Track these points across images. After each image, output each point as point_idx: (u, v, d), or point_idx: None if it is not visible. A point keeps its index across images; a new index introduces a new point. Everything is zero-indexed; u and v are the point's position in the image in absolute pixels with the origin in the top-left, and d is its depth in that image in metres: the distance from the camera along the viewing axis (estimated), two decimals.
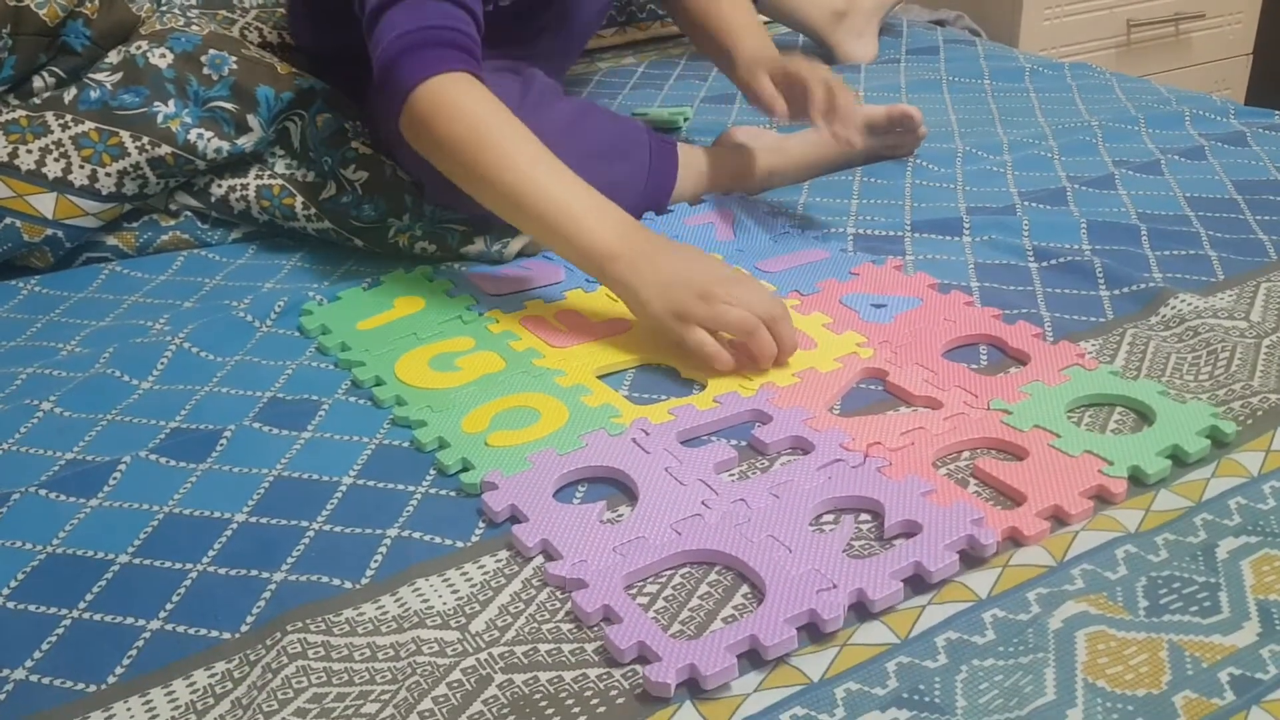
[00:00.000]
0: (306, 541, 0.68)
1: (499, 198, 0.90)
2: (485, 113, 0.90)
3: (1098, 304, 0.92)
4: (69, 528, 0.70)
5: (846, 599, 0.61)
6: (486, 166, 0.89)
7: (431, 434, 0.77)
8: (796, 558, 0.64)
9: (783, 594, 0.61)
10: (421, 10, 0.92)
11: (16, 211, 1.01)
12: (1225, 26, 2.25)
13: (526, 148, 0.90)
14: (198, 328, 0.91)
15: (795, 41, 1.67)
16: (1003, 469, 0.72)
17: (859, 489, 0.70)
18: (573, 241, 0.87)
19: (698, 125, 1.35)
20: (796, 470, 0.72)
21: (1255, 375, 0.81)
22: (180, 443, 0.77)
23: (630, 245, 0.86)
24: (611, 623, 0.61)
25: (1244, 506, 0.68)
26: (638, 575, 0.64)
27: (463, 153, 0.90)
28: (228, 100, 1.06)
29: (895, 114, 1.19)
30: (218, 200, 1.08)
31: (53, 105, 1.04)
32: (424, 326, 0.92)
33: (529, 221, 0.90)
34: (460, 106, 0.90)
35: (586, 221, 0.87)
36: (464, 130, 0.90)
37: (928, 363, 0.84)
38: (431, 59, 0.91)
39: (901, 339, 0.87)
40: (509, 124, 0.90)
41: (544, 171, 0.89)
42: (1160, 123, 1.30)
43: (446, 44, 0.92)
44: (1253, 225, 1.05)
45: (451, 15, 0.93)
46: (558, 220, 0.87)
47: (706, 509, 0.69)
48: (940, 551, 0.64)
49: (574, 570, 0.64)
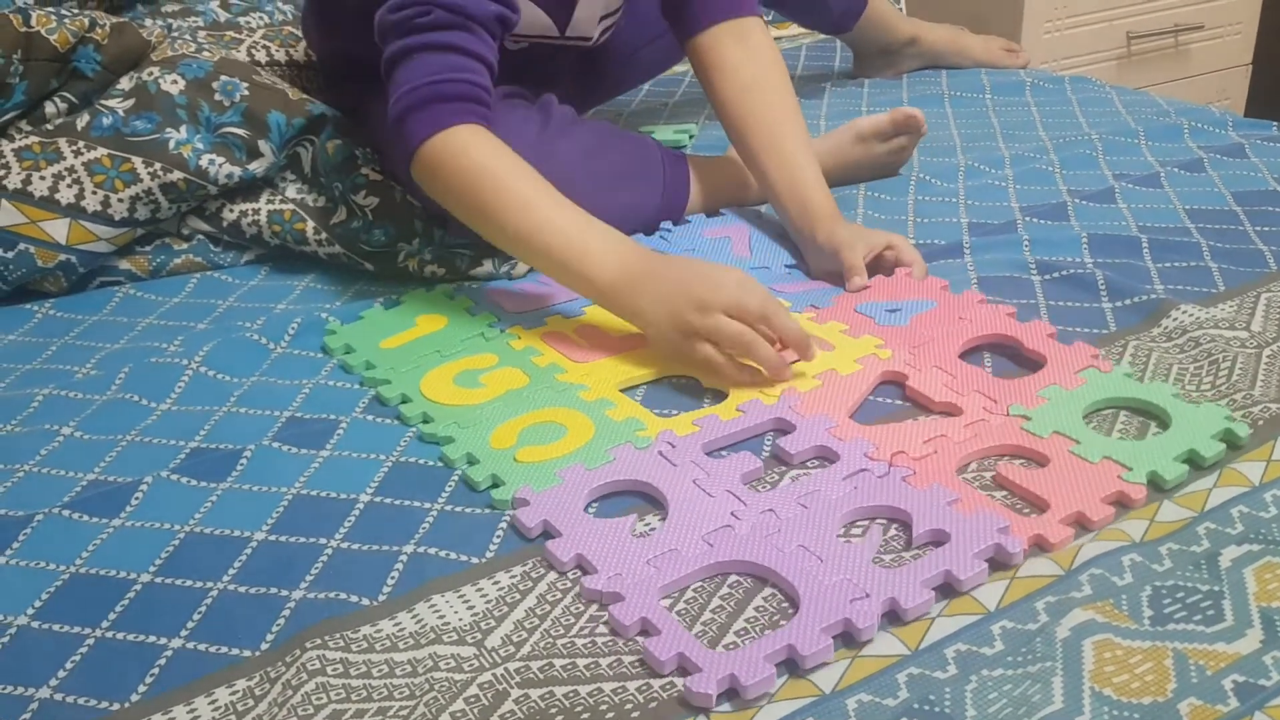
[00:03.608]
0: (325, 559, 0.69)
1: (506, 238, 0.93)
2: (488, 160, 0.93)
3: (1100, 316, 0.93)
4: (92, 548, 0.71)
5: (879, 608, 0.62)
6: (492, 210, 0.92)
7: (460, 450, 0.79)
8: (828, 567, 0.65)
9: (817, 604, 0.62)
10: (431, 63, 0.94)
11: (30, 237, 1.02)
12: (1224, 37, 2.26)
13: (527, 188, 0.92)
14: (213, 349, 0.92)
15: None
16: (1025, 475, 0.73)
17: (886, 499, 0.71)
18: (577, 275, 0.90)
19: (703, 142, 1.36)
20: (823, 480, 0.73)
21: (1256, 385, 0.82)
22: (200, 463, 0.79)
23: (631, 271, 0.88)
24: (650, 635, 0.62)
25: (1246, 515, 0.69)
26: (673, 587, 0.66)
27: (467, 199, 0.93)
28: (239, 126, 1.08)
29: (900, 118, 1.20)
30: (230, 225, 1.09)
31: (65, 132, 1.06)
32: (447, 344, 0.93)
33: (536, 258, 0.93)
34: (464, 157, 0.93)
35: (588, 254, 0.89)
36: (468, 179, 0.92)
37: (946, 364, 0.86)
38: (438, 114, 0.93)
39: (919, 339, 0.89)
40: (511, 168, 0.93)
41: (544, 210, 0.91)
42: (1160, 135, 1.31)
43: (454, 97, 0.94)
44: (1252, 236, 1.06)
45: (462, 67, 0.95)
46: (561, 256, 0.90)
47: (736, 520, 0.70)
48: (970, 560, 0.65)
49: (610, 584, 0.65)
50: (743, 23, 1.10)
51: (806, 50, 1.73)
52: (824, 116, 1.44)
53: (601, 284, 0.89)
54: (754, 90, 1.08)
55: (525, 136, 1.01)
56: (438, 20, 0.94)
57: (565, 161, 1.01)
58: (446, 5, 0.94)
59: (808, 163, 1.05)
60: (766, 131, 1.06)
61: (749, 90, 1.08)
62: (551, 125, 1.07)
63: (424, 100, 0.93)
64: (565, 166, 0.99)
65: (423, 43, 0.94)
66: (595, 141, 1.09)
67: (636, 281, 0.88)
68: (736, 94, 1.08)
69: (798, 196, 1.04)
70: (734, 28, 1.10)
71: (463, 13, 0.94)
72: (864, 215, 1.14)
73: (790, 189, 1.04)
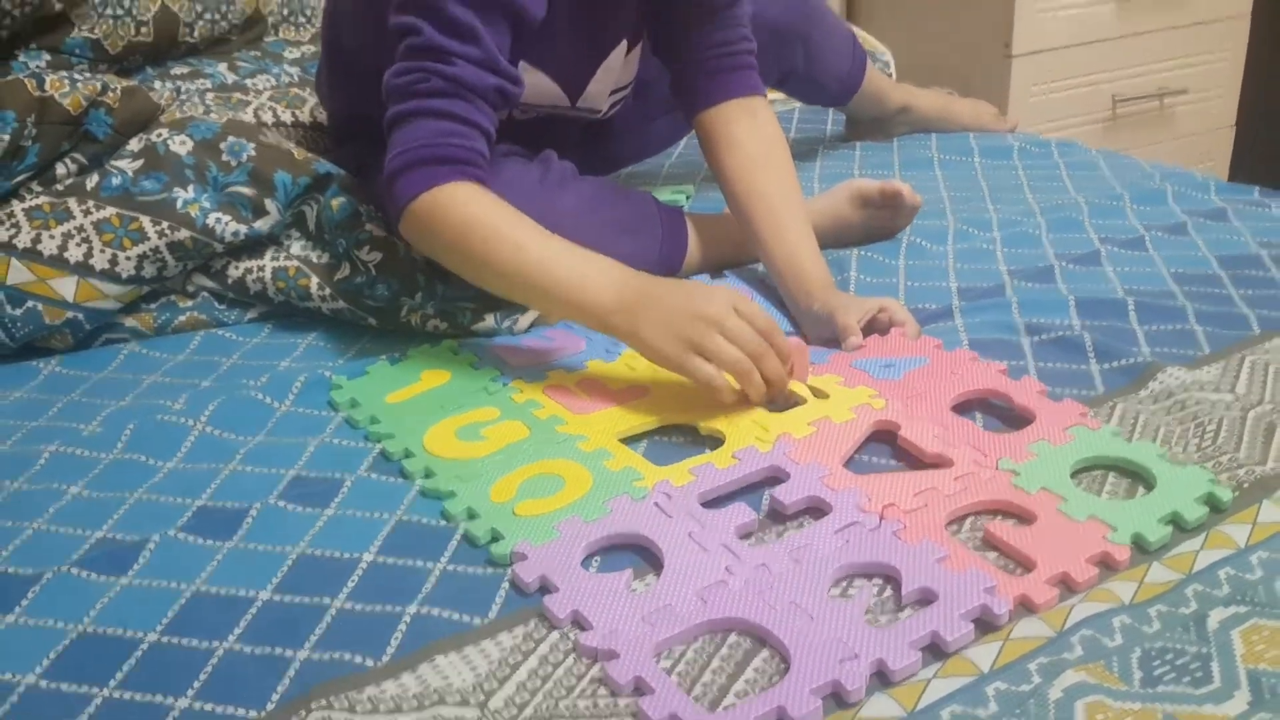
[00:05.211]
0: (329, 619, 0.70)
1: (500, 279, 0.95)
2: (478, 210, 0.95)
3: (1089, 377, 0.95)
4: (100, 606, 0.72)
5: (868, 669, 0.63)
6: (484, 255, 0.94)
7: (461, 505, 0.80)
8: (819, 626, 0.66)
9: (807, 664, 0.63)
10: (427, 128, 0.97)
11: (39, 295, 1.04)
12: (1208, 100, 2.31)
13: (518, 231, 0.94)
14: (218, 407, 0.94)
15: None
16: (1013, 533, 0.75)
17: (876, 555, 0.73)
18: (574, 304, 0.92)
19: (699, 203, 1.39)
20: (815, 534, 0.75)
21: (1241, 447, 0.84)
22: (206, 521, 0.80)
23: (627, 295, 0.90)
24: (643, 693, 0.63)
25: (1233, 577, 0.70)
26: (667, 644, 0.67)
27: (460, 249, 0.96)
28: (246, 185, 1.10)
29: (888, 191, 1.23)
30: (234, 281, 1.11)
31: (75, 192, 1.08)
32: (451, 399, 0.95)
33: (532, 295, 0.95)
34: (454, 210, 0.95)
35: (584, 283, 0.91)
36: (459, 230, 0.95)
37: (938, 417, 0.87)
38: (429, 174, 0.96)
39: (912, 392, 0.91)
40: (503, 215, 0.95)
41: (536, 245, 0.93)
42: (1144, 199, 1.34)
43: (446, 160, 0.96)
44: (1236, 299, 1.08)
45: (456, 132, 0.97)
46: (558, 288, 0.92)
47: (730, 575, 0.71)
48: (956, 621, 0.66)
49: (605, 640, 0.66)
50: (749, 101, 1.15)
51: (800, 113, 1.77)
52: (818, 178, 1.47)
53: (599, 310, 0.91)
54: (757, 165, 1.12)
55: (523, 187, 1.03)
56: (436, 88, 0.97)
57: (563, 212, 1.04)
58: (446, 75, 0.97)
59: (805, 236, 1.09)
60: (766, 204, 1.10)
61: (753, 164, 1.12)
62: (550, 177, 1.09)
63: (416, 161, 0.96)
64: (563, 217, 1.00)
65: (420, 108, 0.97)
66: (593, 194, 1.12)
67: (634, 305, 0.90)
68: (740, 167, 1.12)
69: (794, 267, 1.07)
70: (741, 105, 1.14)
71: (461, 83, 0.97)
72: (856, 278, 1.17)
73: (788, 261, 1.07)
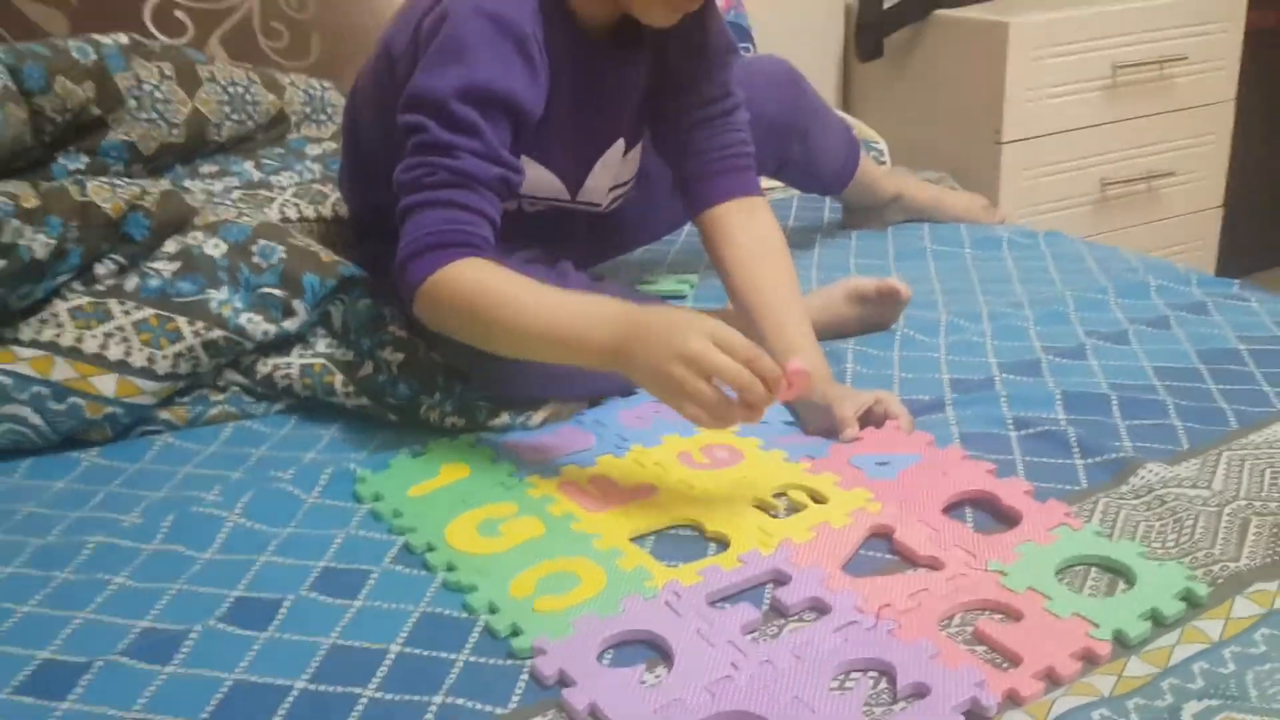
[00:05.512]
0: (360, 709, 0.75)
1: (507, 337, 1.01)
2: (480, 277, 1.01)
3: (1073, 472, 1.01)
4: (148, 694, 0.77)
5: None
6: (489, 319, 1.00)
7: (483, 599, 0.85)
8: (820, 719, 0.71)
9: None
10: (434, 217, 1.03)
11: (81, 391, 1.10)
12: (1195, 183, 2.38)
13: (518, 287, 1.00)
14: (251, 500, 0.99)
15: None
16: (1001, 630, 0.80)
17: (873, 651, 0.78)
18: (576, 353, 0.98)
19: (703, 292, 1.45)
20: (816, 632, 0.80)
21: (1216, 543, 0.89)
22: (243, 611, 0.85)
23: (620, 336, 0.95)
24: None
25: (1207, 671, 0.75)
26: None
27: (469, 317, 1.02)
28: (276, 286, 1.17)
29: (885, 289, 1.30)
30: (263, 377, 1.17)
31: (116, 293, 1.14)
32: (470, 493, 1.00)
33: (539, 349, 1.01)
34: (460, 282, 1.01)
35: (583, 332, 0.97)
36: (464, 300, 1.01)
37: (930, 519, 0.93)
38: (434, 259, 1.02)
39: (906, 493, 0.97)
40: (499, 276, 1.01)
41: (533, 301, 0.99)
42: (1128, 292, 1.40)
43: (450, 244, 1.02)
44: (1215, 394, 1.14)
45: (462, 220, 1.03)
46: (559, 339, 0.98)
47: (736, 670, 0.76)
48: (949, 713, 0.71)
49: None
50: (748, 201, 1.22)
51: (799, 200, 1.84)
52: (815, 266, 1.54)
53: (599, 354, 0.97)
54: (757, 261, 1.18)
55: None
56: (442, 180, 1.03)
57: None
58: (451, 168, 1.03)
59: (803, 329, 1.14)
60: (765, 299, 1.16)
61: (752, 260, 1.18)
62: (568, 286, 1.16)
63: (424, 248, 1.02)
64: None
65: (428, 199, 1.03)
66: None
67: (628, 343, 0.95)
68: (741, 263, 1.19)
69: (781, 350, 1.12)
70: (741, 205, 1.22)
71: (466, 175, 1.03)
72: (853, 370, 1.23)
73: (787, 354, 1.12)
